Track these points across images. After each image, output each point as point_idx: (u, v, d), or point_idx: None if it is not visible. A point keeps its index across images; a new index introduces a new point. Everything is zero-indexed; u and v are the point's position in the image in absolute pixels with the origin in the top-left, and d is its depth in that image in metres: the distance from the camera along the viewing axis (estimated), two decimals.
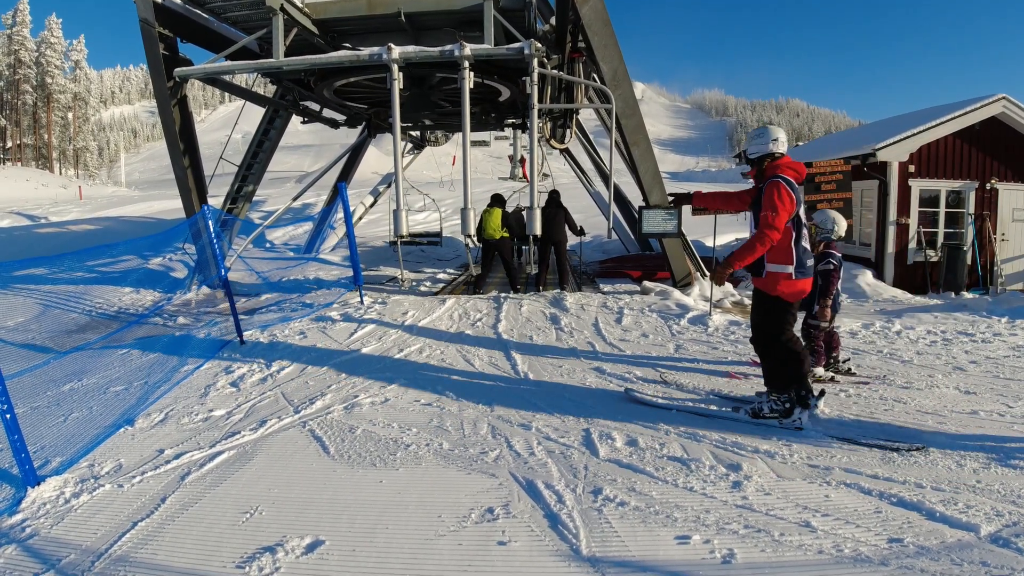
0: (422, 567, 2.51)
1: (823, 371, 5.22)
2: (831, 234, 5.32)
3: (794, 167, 4.10)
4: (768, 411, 4.10)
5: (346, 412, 4.39)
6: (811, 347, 5.23)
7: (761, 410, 4.12)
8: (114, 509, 3.02)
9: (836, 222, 5.34)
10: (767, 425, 4.05)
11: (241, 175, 12.07)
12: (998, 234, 10.86)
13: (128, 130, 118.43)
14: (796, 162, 4.17)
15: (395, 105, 9.01)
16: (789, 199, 3.92)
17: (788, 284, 4.04)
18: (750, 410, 4.17)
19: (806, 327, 5.34)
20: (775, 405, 4.10)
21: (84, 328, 7.79)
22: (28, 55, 62.10)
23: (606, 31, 9.02)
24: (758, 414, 4.12)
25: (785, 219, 3.94)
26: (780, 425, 4.02)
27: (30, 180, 46.30)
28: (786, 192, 3.92)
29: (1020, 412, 4.27)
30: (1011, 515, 2.80)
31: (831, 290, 5.21)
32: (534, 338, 6.67)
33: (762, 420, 4.09)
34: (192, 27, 10.23)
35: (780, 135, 4.17)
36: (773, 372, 4.20)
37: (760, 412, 4.12)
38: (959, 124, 10.58)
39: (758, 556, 2.53)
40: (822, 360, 5.26)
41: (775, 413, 4.08)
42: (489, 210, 9.87)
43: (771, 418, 4.07)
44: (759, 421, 4.09)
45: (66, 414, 4.46)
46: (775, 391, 4.15)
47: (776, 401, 4.11)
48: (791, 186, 3.97)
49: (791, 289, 4.06)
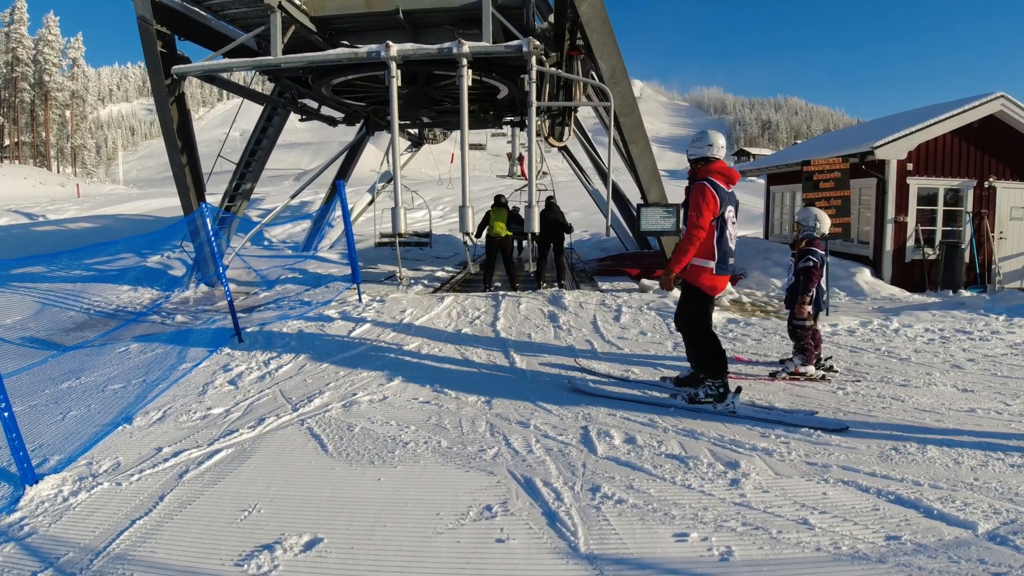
0: (420, 564, 2.51)
1: (814, 370, 5.20)
2: (813, 231, 5.36)
3: (725, 172, 4.36)
4: (703, 396, 4.36)
5: (344, 410, 4.39)
6: (800, 346, 5.24)
7: (697, 395, 4.39)
8: (112, 507, 3.02)
9: (818, 219, 5.37)
10: (704, 411, 4.25)
11: (239, 173, 12.06)
12: (996, 232, 10.87)
13: (126, 128, 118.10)
14: (729, 168, 4.43)
15: (393, 103, 9.01)
16: (713, 200, 4.21)
17: (708, 278, 4.33)
18: (687, 395, 4.43)
19: (791, 326, 5.34)
20: (709, 390, 4.36)
21: (82, 326, 7.78)
22: (26, 53, 61.94)
23: (604, 29, 9.01)
24: (694, 399, 4.37)
25: (709, 219, 4.22)
26: (715, 409, 4.25)
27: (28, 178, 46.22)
28: (710, 194, 4.21)
29: (1017, 410, 4.28)
30: (1008, 513, 2.81)
31: (810, 287, 5.19)
32: (532, 336, 6.68)
33: (698, 405, 4.32)
34: (190, 24, 10.21)
35: (718, 140, 4.44)
36: (696, 358, 4.51)
37: (696, 397, 4.38)
38: (957, 122, 10.57)
39: (756, 554, 2.53)
40: (812, 358, 5.22)
41: (710, 398, 4.34)
42: (495, 210, 10.25)
43: (706, 402, 4.32)
44: (695, 406, 4.31)
45: (64, 412, 4.46)
46: (708, 376, 4.40)
47: (711, 386, 4.36)
48: (716, 188, 4.25)
49: (710, 283, 4.34)
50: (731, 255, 4.38)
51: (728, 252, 4.34)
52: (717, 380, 4.36)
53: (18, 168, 51.00)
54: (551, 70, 9.59)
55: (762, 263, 11.47)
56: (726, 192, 4.31)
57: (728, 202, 4.31)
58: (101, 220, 22.33)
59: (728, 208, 4.31)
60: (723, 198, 4.27)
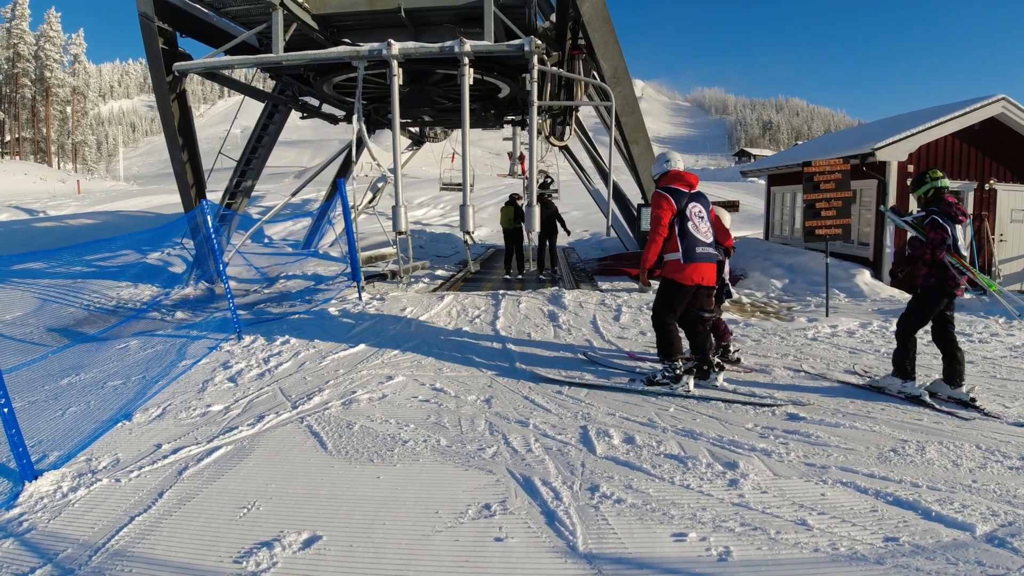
0: (419, 563, 2.51)
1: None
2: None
3: (683, 177, 4.94)
4: (660, 378, 4.80)
5: (344, 408, 4.39)
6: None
7: (655, 377, 4.83)
8: (111, 504, 3.02)
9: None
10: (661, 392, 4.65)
11: (240, 170, 12.06)
12: (996, 234, 10.87)
13: (127, 124, 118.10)
14: (686, 173, 4.98)
15: (395, 101, 9.00)
16: (667, 204, 4.79)
17: (679, 268, 4.79)
18: (645, 379, 4.88)
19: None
20: (667, 372, 4.79)
21: (82, 322, 7.78)
22: (27, 49, 61.94)
23: (606, 28, 9.02)
24: (652, 381, 4.81)
25: (667, 219, 4.78)
26: (671, 390, 4.66)
27: (28, 174, 46.25)
28: (664, 200, 4.80)
29: (1016, 412, 4.28)
30: (1007, 515, 2.81)
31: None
32: (532, 335, 6.68)
33: (656, 386, 4.75)
34: (191, 21, 10.21)
35: (675, 157, 5.09)
36: (661, 343, 4.90)
37: (653, 379, 4.82)
38: (958, 124, 10.56)
39: (754, 554, 2.54)
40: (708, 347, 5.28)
41: (666, 380, 4.76)
42: (504, 208, 12.26)
43: (663, 384, 4.75)
44: (653, 387, 4.73)
45: (64, 408, 4.46)
46: (666, 359, 4.83)
47: (667, 369, 4.79)
48: (671, 193, 4.82)
49: (683, 272, 4.78)
50: (699, 245, 4.79)
51: (695, 243, 4.78)
52: (674, 363, 4.78)
53: (19, 164, 51.03)
54: (552, 69, 9.60)
55: (762, 264, 11.47)
56: (685, 193, 4.85)
57: (691, 201, 4.85)
58: (101, 216, 22.33)
59: (692, 205, 4.84)
60: (680, 198, 4.81)
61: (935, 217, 4.59)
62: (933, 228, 4.58)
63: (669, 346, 4.81)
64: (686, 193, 4.85)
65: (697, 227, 4.81)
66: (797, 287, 10.04)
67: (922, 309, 4.70)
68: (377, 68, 9.65)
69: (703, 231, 4.84)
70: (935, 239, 4.55)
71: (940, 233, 4.54)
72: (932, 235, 4.58)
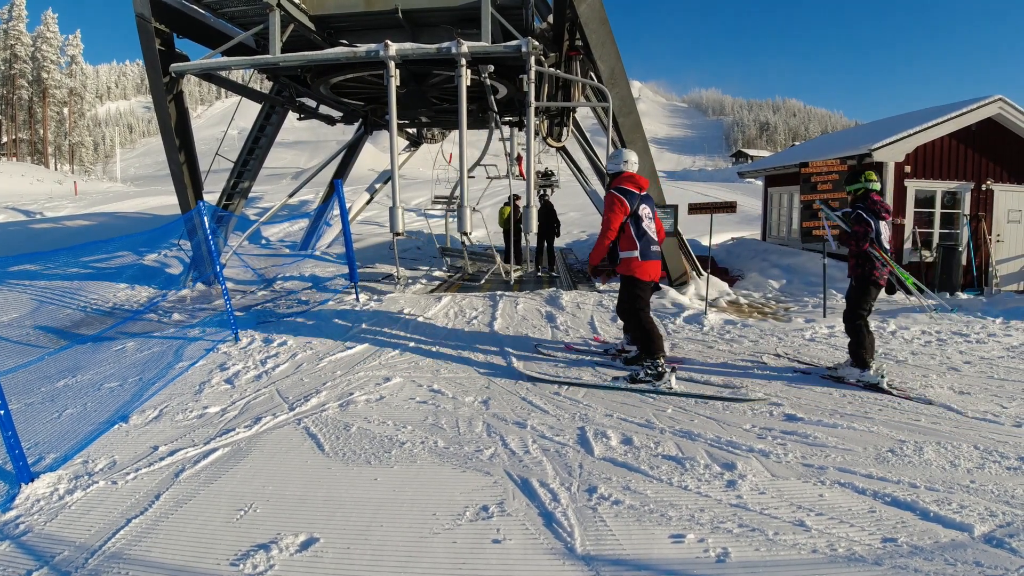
0: (416, 565, 2.51)
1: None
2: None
3: (635, 179, 5.17)
4: (643, 375, 4.89)
5: (341, 409, 4.38)
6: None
7: (638, 375, 4.92)
8: (108, 506, 3.01)
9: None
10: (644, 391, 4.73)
11: (237, 171, 12.02)
12: (993, 235, 10.89)
13: (124, 125, 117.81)
14: (638, 176, 5.23)
15: (392, 102, 8.98)
16: (619, 204, 5.02)
17: (636, 264, 5.05)
18: (628, 377, 4.97)
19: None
20: (649, 370, 4.89)
21: (79, 324, 7.76)
22: (24, 50, 61.79)
23: (603, 29, 9.01)
24: (635, 379, 4.90)
25: (619, 219, 5.03)
26: (654, 388, 4.75)
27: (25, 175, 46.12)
28: (617, 200, 5.02)
29: (1014, 412, 4.29)
30: (1005, 515, 2.82)
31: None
32: (530, 336, 6.67)
33: (640, 384, 4.83)
34: (188, 22, 10.18)
35: (631, 158, 5.29)
36: (642, 341, 5.05)
37: (637, 377, 4.91)
38: (955, 125, 10.59)
39: (752, 555, 2.54)
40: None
41: (649, 377, 4.86)
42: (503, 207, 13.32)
43: (646, 382, 4.84)
44: (637, 386, 4.82)
45: (60, 410, 4.45)
46: (647, 357, 4.95)
47: (650, 367, 4.90)
48: (624, 194, 5.03)
49: (641, 269, 5.06)
50: (653, 244, 5.13)
51: (650, 242, 5.10)
52: (655, 360, 4.90)
53: (15, 165, 50.88)
54: (550, 70, 9.59)
55: (760, 264, 11.49)
56: (637, 195, 5.10)
57: (642, 202, 5.11)
58: (98, 218, 22.28)
59: (642, 206, 5.10)
60: (633, 199, 5.05)
61: (860, 212, 5.18)
62: (857, 222, 5.17)
63: (651, 343, 4.98)
64: (637, 195, 5.11)
65: (650, 227, 5.16)
66: (794, 288, 10.05)
67: (859, 298, 5.20)
68: (375, 69, 9.64)
69: (655, 230, 5.22)
70: (859, 231, 5.13)
71: (863, 227, 5.12)
72: (856, 228, 5.16)
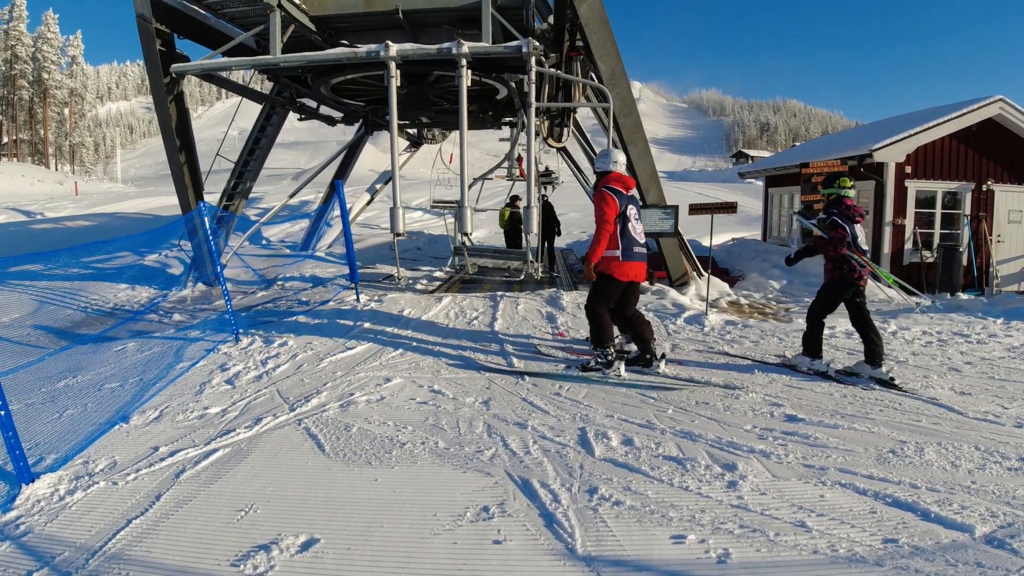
0: (417, 566, 2.50)
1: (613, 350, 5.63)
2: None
3: (622, 180, 5.26)
4: (594, 364, 5.13)
5: (342, 410, 4.38)
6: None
7: (588, 364, 5.16)
8: (108, 506, 3.01)
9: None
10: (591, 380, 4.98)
11: (237, 172, 12.02)
12: (994, 235, 10.89)
13: (124, 126, 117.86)
14: (625, 176, 5.32)
15: (392, 103, 8.99)
16: (612, 201, 5.08)
17: (617, 264, 5.12)
18: (580, 365, 5.20)
19: None
20: (599, 359, 5.13)
21: (79, 324, 7.76)
22: (25, 50, 61.86)
23: (604, 30, 9.01)
24: (586, 367, 5.14)
25: (612, 216, 5.06)
26: (604, 376, 5.02)
27: (26, 176, 46.13)
28: (609, 197, 5.09)
29: (1014, 413, 4.28)
30: (1006, 516, 2.81)
31: None
32: (531, 336, 6.67)
33: (590, 372, 5.08)
34: (189, 23, 10.19)
35: (619, 158, 5.37)
36: (593, 332, 5.26)
37: (587, 366, 5.15)
38: (956, 125, 10.60)
39: (753, 556, 2.53)
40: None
41: (599, 365, 5.10)
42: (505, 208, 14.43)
43: (596, 370, 5.09)
44: (587, 374, 5.07)
45: (61, 411, 4.44)
46: (598, 346, 5.20)
47: (600, 356, 5.14)
48: (614, 193, 5.12)
49: (620, 269, 5.13)
50: (636, 245, 5.19)
51: (632, 242, 5.16)
52: (605, 350, 5.14)
53: (16, 166, 50.90)
54: (550, 71, 9.59)
55: (760, 265, 11.48)
56: (624, 195, 5.18)
57: (628, 203, 5.18)
58: (99, 218, 22.28)
59: (629, 207, 5.18)
60: (621, 199, 5.13)
61: (835, 218, 5.34)
62: (833, 228, 5.31)
63: (600, 334, 5.18)
64: (624, 195, 5.20)
65: (634, 227, 5.21)
66: (795, 288, 10.05)
67: (827, 298, 5.47)
68: (375, 70, 9.64)
69: (638, 231, 5.27)
70: (836, 237, 5.28)
71: (840, 232, 5.27)
72: (833, 233, 5.30)
